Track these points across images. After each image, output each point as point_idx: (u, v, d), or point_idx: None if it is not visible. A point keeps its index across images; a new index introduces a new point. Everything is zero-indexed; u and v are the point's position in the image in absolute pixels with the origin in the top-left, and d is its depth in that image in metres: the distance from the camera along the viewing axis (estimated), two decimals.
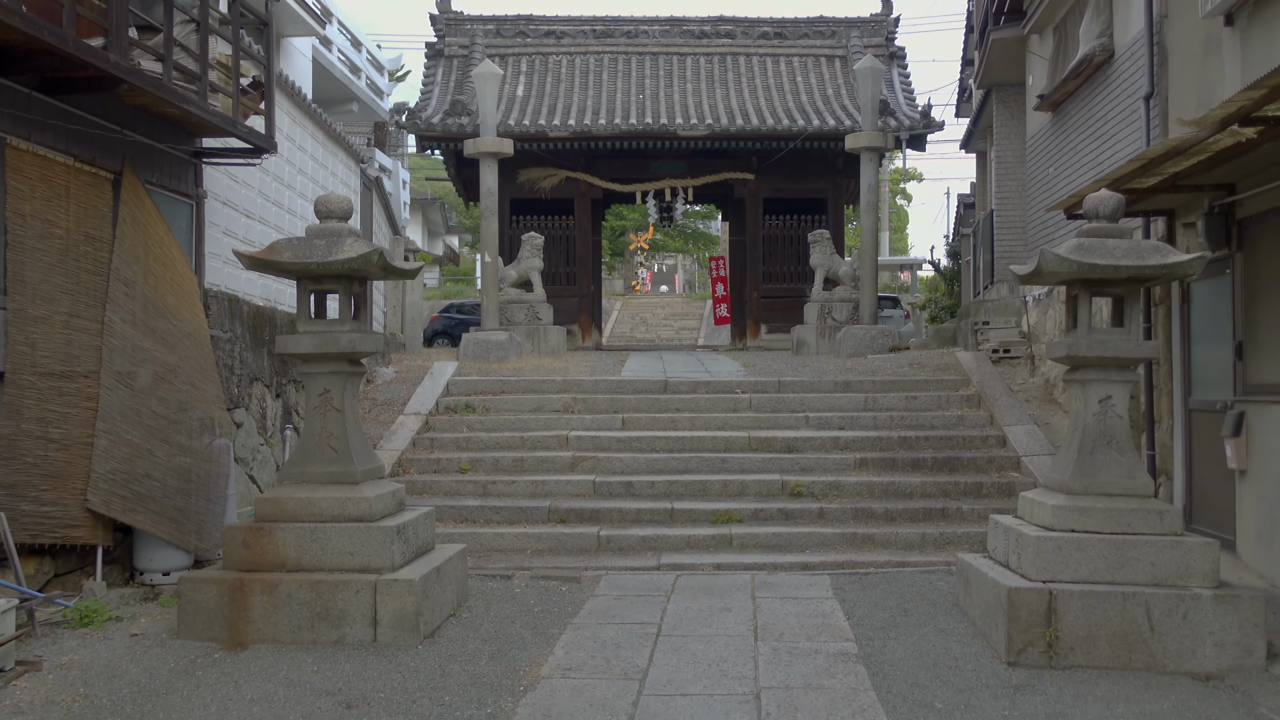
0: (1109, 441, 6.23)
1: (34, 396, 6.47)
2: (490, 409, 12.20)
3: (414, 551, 6.56)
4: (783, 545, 9.10)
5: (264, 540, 6.19)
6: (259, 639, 6.03)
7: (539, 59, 23.62)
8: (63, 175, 6.74)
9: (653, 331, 38.62)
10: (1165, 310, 9.34)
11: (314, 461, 6.47)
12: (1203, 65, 8.40)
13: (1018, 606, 5.77)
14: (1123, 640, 5.71)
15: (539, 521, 9.62)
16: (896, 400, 12.20)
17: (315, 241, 6.38)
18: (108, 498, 6.81)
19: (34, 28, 5.69)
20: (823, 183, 21.78)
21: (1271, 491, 7.41)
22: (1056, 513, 6.09)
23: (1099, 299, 6.38)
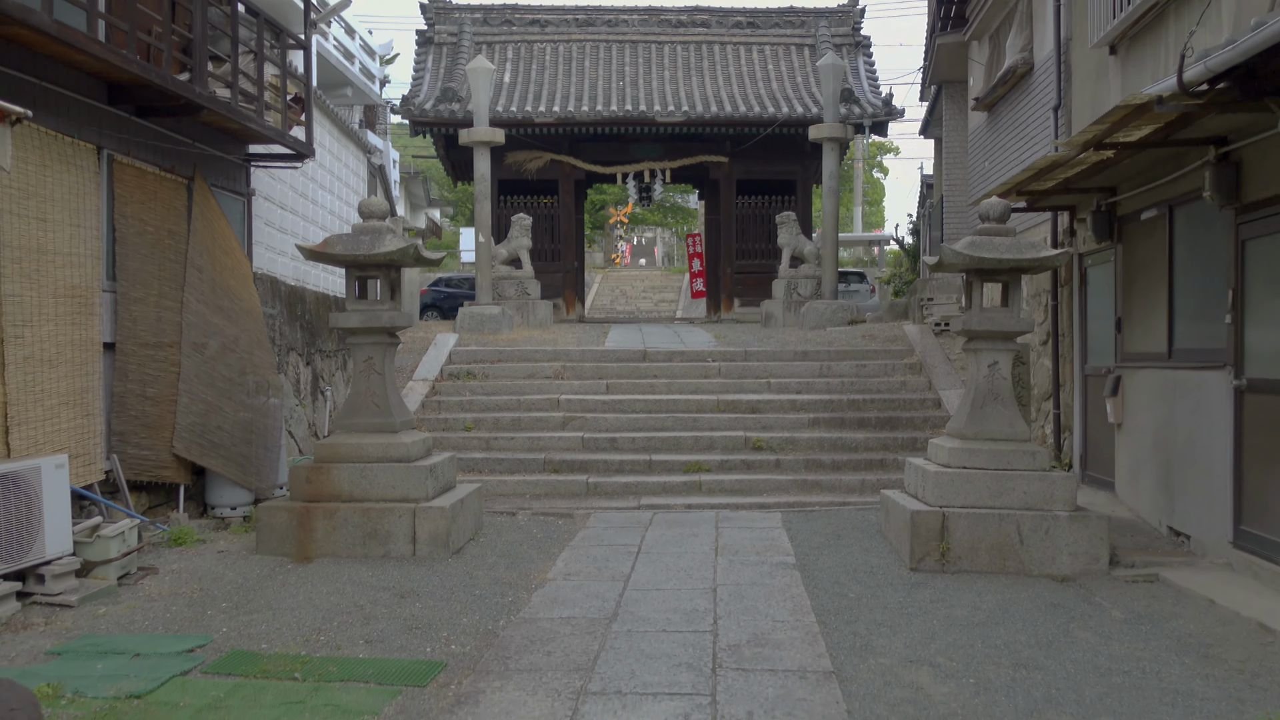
0: (995, 398, 7.86)
1: (135, 362, 7.98)
2: (489, 375, 13.75)
3: (442, 487, 8.14)
4: (744, 490, 10.73)
5: (323, 477, 7.76)
6: (321, 554, 7.61)
7: (524, 46, 24.96)
8: (152, 183, 8.21)
9: (632, 304, 40.12)
10: (1069, 291, 10.99)
11: (361, 414, 8.03)
12: (1096, 84, 9.99)
13: (919, 525, 7.41)
14: (999, 550, 7.36)
15: (536, 471, 11.21)
16: (848, 368, 13.83)
17: (361, 237, 7.90)
18: (189, 445, 8.34)
19: (144, 70, 7.16)
20: (792, 165, 23.25)
21: (1137, 441, 9.09)
22: (952, 453, 7.74)
23: (989, 285, 7.99)
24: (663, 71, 24.32)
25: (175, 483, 8.37)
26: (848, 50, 24.68)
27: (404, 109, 21.95)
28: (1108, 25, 9.19)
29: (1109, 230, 9.61)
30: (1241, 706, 4.79)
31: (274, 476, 9.14)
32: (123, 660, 5.26)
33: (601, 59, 24.80)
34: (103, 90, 7.55)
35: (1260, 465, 6.98)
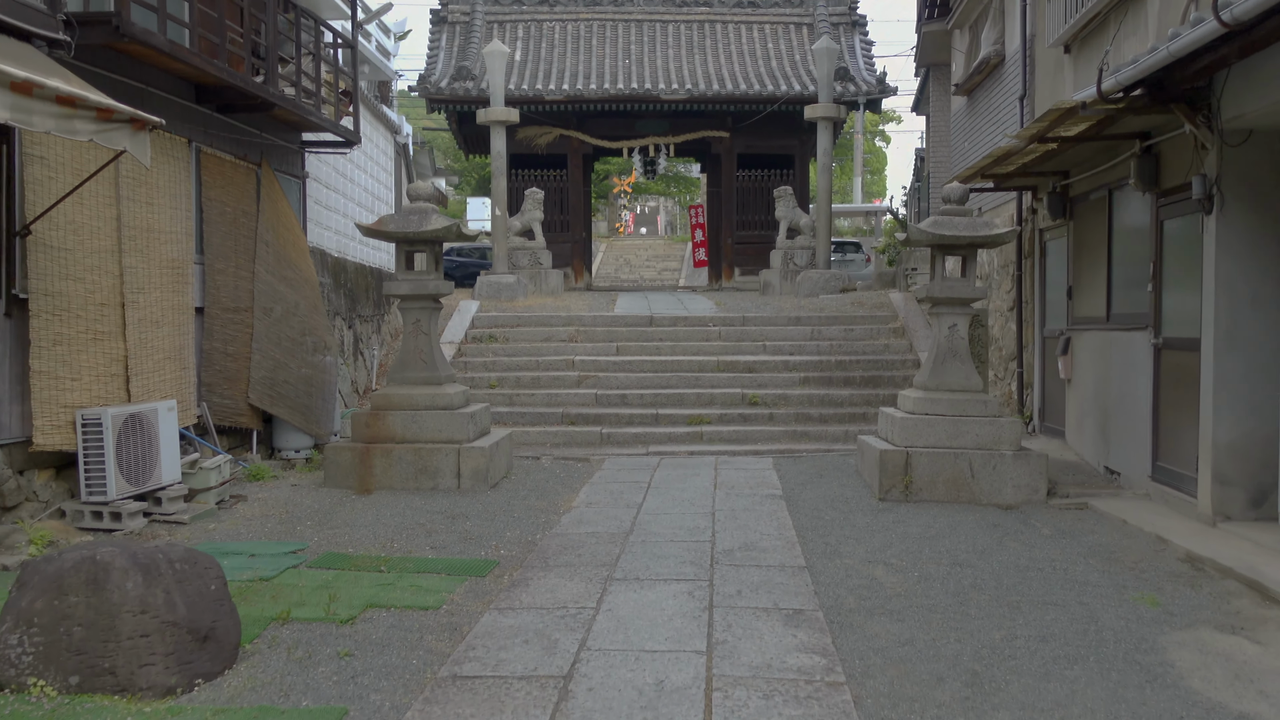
0: (954, 355, 9.18)
1: (219, 324, 9.30)
2: (509, 339, 15.07)
3: (480, 431, 9.49)
4: (740, 439, 12.08)
5: (380, 422, 9.10)
6: (380, 487, 8.97)
7: (534, 25, 26.08)
8: (229, 169, 9.48)
9: (636, 272, 41.33)
10: (1031, 263, 12.28)
11: (410, 369, 9.37)
12: (1054, 78, 11.23)
13: (886, 462, 8.75)
14: (954, 483, 8.70)
15: (555, 423, 12.56)
16: (837, 332, 15.14)
17: (410, 216, 9.20)
18: (261, 395, 9.68)
19: (231, 76, 8.43)
20: (790, 140, 24.41)
21: (1082, 394, 10.42)
22: (916, 402, 9.07)
23: (950, 258, 9.27)
24: (667, 50, 25.44)
25: (249, 428, 9.72)
26: (844, 29, 25.78)
27: (420, 87, 23.10)
28: (1061, 28, 10.42)
29: (1062, 209, 10.89)
30: (1124, 591, 6.13)
31: (330, 424, 10.49)
32: (242, 559, 6.62)
33: (608, 37, 25.90)
34: (191, 91, 8.81)
35: (1172, 410, 8.32)
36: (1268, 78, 6.58)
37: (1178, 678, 4.71)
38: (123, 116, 6.01)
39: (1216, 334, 7.40)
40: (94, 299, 7.50)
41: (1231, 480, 7.40)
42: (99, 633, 4.36)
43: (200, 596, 4.64)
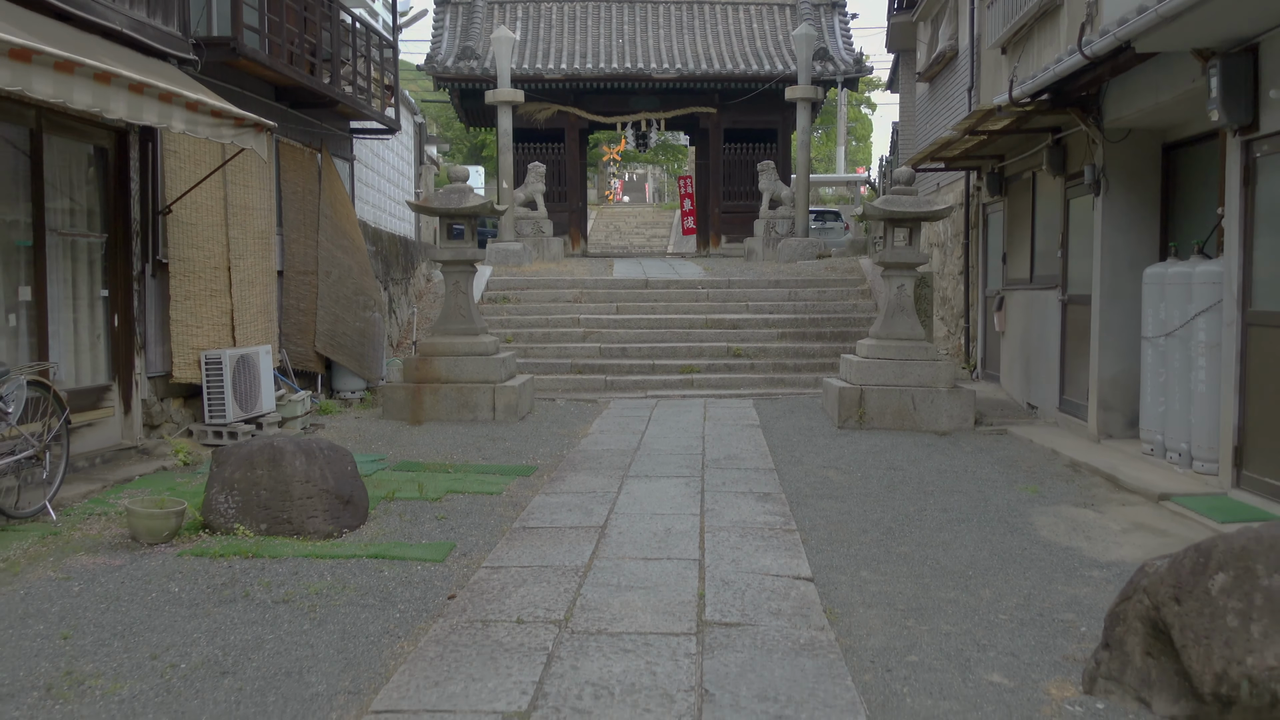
0: (902, 309, 11.12)
1: (294, 285, 11.17)
2: (520, 300, 16.95)
3: (509, 374, 11.41)
4: (726, 385, 14.03)
5: (427, 365, 11.01)
6: (429, 419, 10.90)
7: (532, 6, 27.71)
8: (299, 155, 11.30)
9: (625, 239, 43.11)
10: (977, 233, 14.22)
11: (452, 322, 11.27)
12: (995, 74, 13.10)
13: (844, 397, 10.71)
14: (899, 414, 10.67)
15: (565, 372, 14.47)
16: (812, 294, 17.07)
17: (450, 195, 11.06)
18: (325, 345, 11.58)
19: (308, 80, 10.25)
20: (774, 116, 26.18)
21: (1012, 344, 12.40)
22: (870, 349, 11.02)
23: (899, 229, 11.19)
24: (658, 30, 27.12)
25: (315, 372, 11.62)
26: (824, 10, 27.48)
27: (428, 66, 24.78)
28: (999, 33, 12.29)
29: (999, 187, 12.82)
30: (1014, 484, 8.10)
31: (379, 370, 12.38)
32: None
33: (603, 18, 27.56)
34: (271, 91, 10.62)
35: (1072, 354, 10.31)
36: (1135, 90, 8.51)
37: (1032, 530, 6.69)
38: (250, 123, 7.85)
39: (1102, 291, 9.37)
40: (210, 263, 9.37)
41: (1112, 407, 9.40)
42: (278, 495, 6.29)
43: (342, 473, 6.58)
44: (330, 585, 5.31)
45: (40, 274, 7.42)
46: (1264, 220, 6.91)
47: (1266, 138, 6.79)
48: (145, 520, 5.97)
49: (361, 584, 5.34)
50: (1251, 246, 7.03)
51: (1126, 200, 9.28)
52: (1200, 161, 8.77)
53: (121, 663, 4.28)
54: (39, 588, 5.27)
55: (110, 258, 8.31)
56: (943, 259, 16.48)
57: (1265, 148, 6.84)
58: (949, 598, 5.18)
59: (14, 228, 7.27)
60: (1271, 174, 6.84)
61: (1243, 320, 7.09)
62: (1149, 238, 9.25)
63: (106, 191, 8.27)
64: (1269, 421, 6.82)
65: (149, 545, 5.97)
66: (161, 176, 8.67)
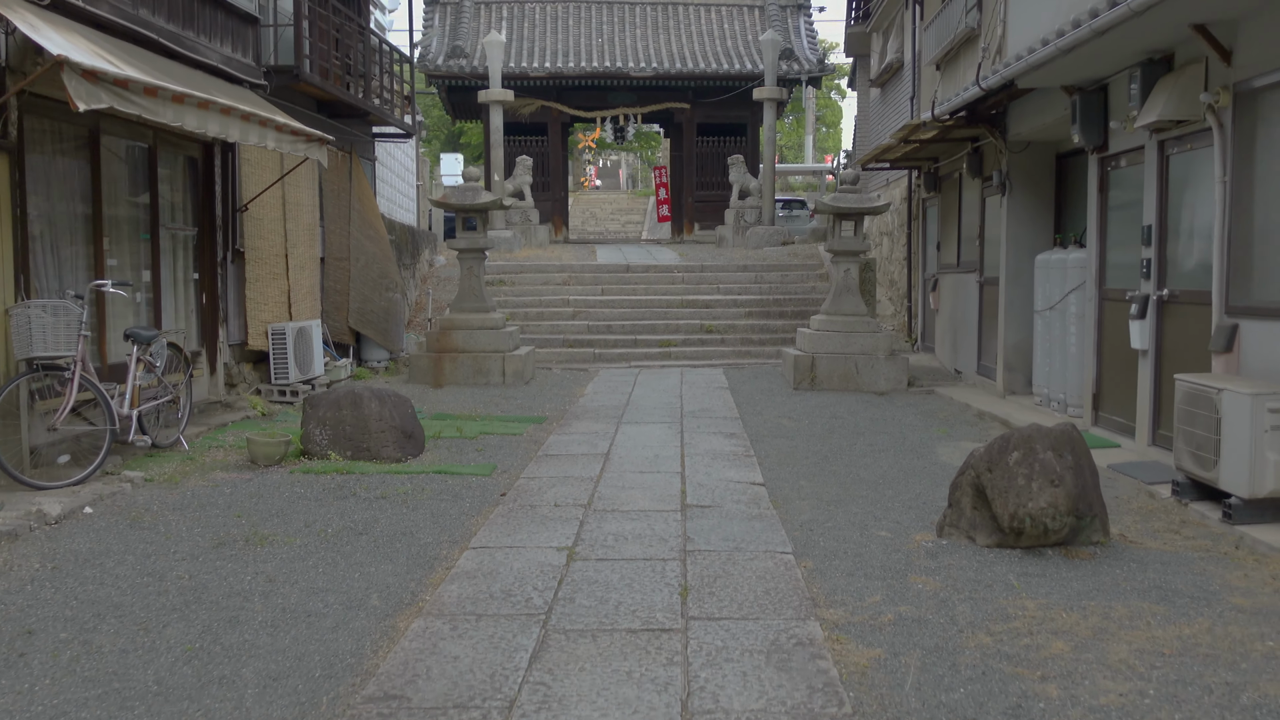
0: (848, 290, 13.17)
1: (332, 269, 13.06)
2: (515, 283, 18.87)
3: (514, 345, 13.38)
4: (699, 356, 16.06)
5: (446, 337, 12.95)
6: (448, 383, 12.84)
7: (517, 6, 29.48)
8: (334, 158, 13.17)
9: (602, 225, 44.99)
10: (918, 224, 16.30)
11: (467, 301, 13.21)
12: (931, 86, 15.14)
13: (798, 363, 12.75)
14: (845, 377, 12.72)
15: (558, 346, 16.44)
16: (775, 277, 19.11)
17: (465, 192, 12.98)
18: (356, 320, 13.49)
19: (346, 96, 12.13)
20: (744, 111, 28.05)
21: (944, 320, 14.49)
22: (821, 323, 13.07)
23: (845, 222, 13.22)
24: (635, 30, 28.98)
25: (347, 344, 13.53)
26: (790, 11, 29.40)
27: (420, 64, 26.52)
28: (933, 52, 14.33)
29: (934, 185, 14.90)
30: (930, 428, 10.17)
31: (400, 343, 14.31)
32: None
33: (583, 18, 29.38)
34: (313, 104, 12.49)
35: (986, 327, 12.40)
36: (1029, 112, 10.57)
37: (934, 456, 8.75)
38: (316, 138, 9.75)
39: (1007, 274, 11.46)
40: (272, 251, 11.25)
41: (1015, 369, 11.51)
42: (359, 430, 8.24)
43: (406, 414, 8.54)
44: (412, 489, 7.29)
45: (155, 260, 9.29)
46: (1113, 220, 9.00)
47: (1113, 156, 8.87)
48: (263, 447, 7.93)
49: (434, 488, 7.33)
50: (1105, 239, 9.12)
51: (1027, 200, 11.36)
52: (1085, 169, 10.84)
53: (287, 529, 6.25)
54: (199, 491, 7.22)
55: (200, 247, 10.19)
56: (891, 246, 18.58)
57: (1112, 164, 8.92)
58: (862, 495, 7.22)
59: (139, 224, 9.15)
60: (1118, 185, 8.92)
61: (1099, 296, 9.18)
62: (1044, 230, 11.33)
63: (197, 193, 10.15)
64: (1115, 375, 8.93)
65: (265, 467, 7.92)
66: (239, 180, 10.56)
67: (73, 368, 7.13)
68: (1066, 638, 4.38)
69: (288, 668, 4.11)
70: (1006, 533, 5.65)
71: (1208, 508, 6.48)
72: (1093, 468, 5.86)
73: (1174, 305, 7.92)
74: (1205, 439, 6.40)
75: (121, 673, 4.07)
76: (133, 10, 8.24)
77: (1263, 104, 6.75)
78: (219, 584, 5.18)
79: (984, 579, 5.19)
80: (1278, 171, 6.57)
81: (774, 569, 5.35)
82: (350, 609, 4.81)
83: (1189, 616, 4.65)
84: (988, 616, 4.65)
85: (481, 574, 5.27)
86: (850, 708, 3.69)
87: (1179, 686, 3.87)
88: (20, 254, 7.23)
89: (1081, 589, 5.05)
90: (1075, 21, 7.36)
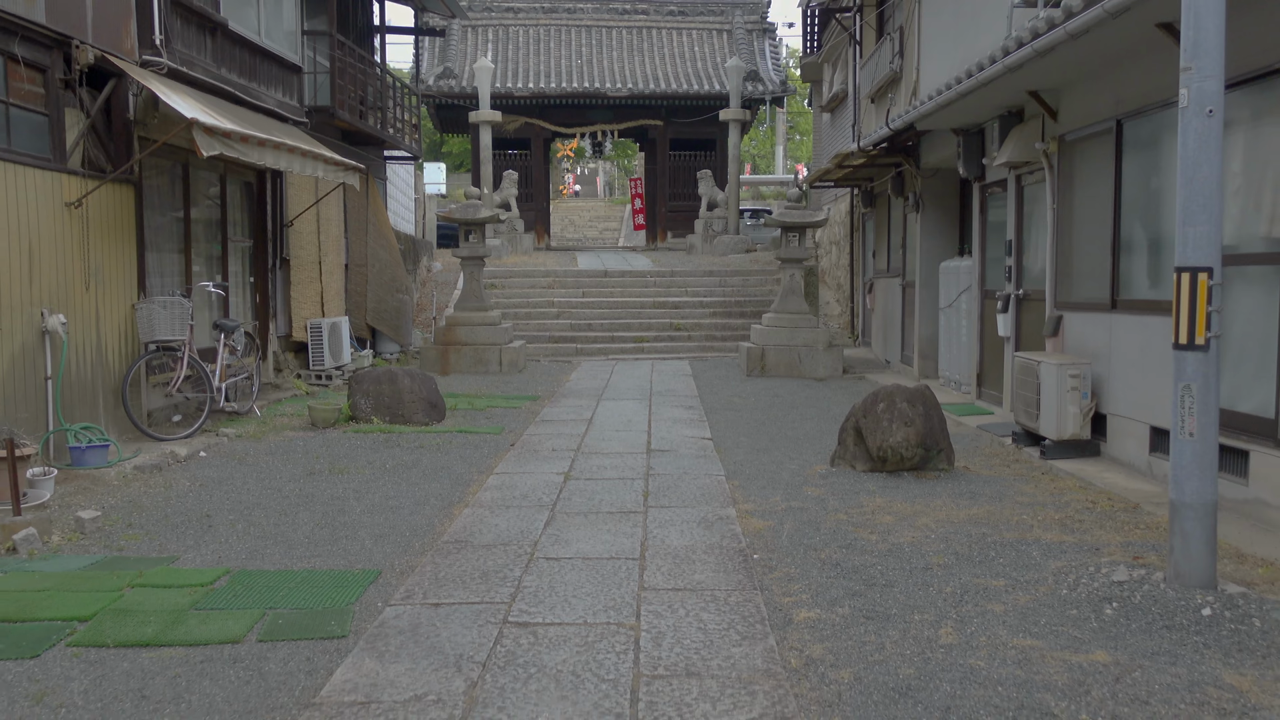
0: (794, 292, 15.51)
1: (352, 274, 15.28)
2: (505, 286, 21.12)
3: (509, 339, 15.64)
4: (669, 350, 18.36)
5: (452, 331, 15.20)
6: (454, 371, 15.09)
7: (502, 30, 31.74)
8: None
9: (580, 232, 47.17)
10: (859, 235, 18.67)
11: (468, 301, 15.46)
12: (868, 115, 17.53)
13: (751, 354, 15.07)
14: (789, 366, 15.05)
15: (545, 341, 18.70)
16: (738, 282, 21.44)
17: (467, 208, 15.24)
18: (373, 318, 15.71)
19: (368, 127, 14.35)
20: (713, 128, 30.36)
21: (878, 318, 16.87)
22: (770, 320, 15.41)
23: (791, 233, 15.55)
24: (612, 52, 31.29)
25: (364, 338, 15.75)
26: (756, 35, 31.83)
27: (413, 85, 28.72)
28: (868, 87, 16.71)
29: (870, 202, 17.28)
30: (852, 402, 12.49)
31: (409, 337, 16.53)
32: None
33: (564, 40, 31.68)
34: (338, 132, 14.72)
35: (907, 322, 14.78)
36: (934, 147, 12.95)
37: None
38: (351, 166, 11.99)
39: (920, 279, 13.83)
40: (309, 259, 13.47)
41: (927, 356, 13.87)
42: (395, 400, 10.48)
43: (431, 389, 10.78)
44: (442, 441, 9.55)
45: (225, 267, 11.51)
46: (990, 235, 11.38)
47: (988, 185, 11.25)
48: (322, 412, 10.16)
49: (459, 441, 9.59)
50: (985, 250, 11.49)
51: (935, 216, 13.74)
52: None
53: (356, 464, 8.50)
54: (279, 443, 9.46)
55: (255, 256, 12.40)
56: (838, 254, 20.96)
57: (989, 191, 11.30)
58: (784, 445, 9.53)
59: (213, 237, 11.36)
60: (992, 207, 11.30)
61: (981, 296, 11.55)
62: (950, 241, 13.71)
63: (252, 211, 12.36)
64: (991, 358, 11.30)
65: (323, 428, 10.15)
66: (285, 200, 12.78)
67: (183, 349, 9.35)
68: (894, 515, 6.70)
69: (386, 531, 6.37)
70: (876, 460, 7.98)
71: (1034, 450, 8.84)
72: (940, 416, 8.20)
73: (1027, 301, 10.30)
74: (1031, 399, 8.76)
75: (279, 534, 6.32)
76: (216, 70, 10.47)
77: (1077, 151, 9.12)
78: (322, 493, 7.43)
79: (853, 489, 7.52)
80: (1086, 203, 8.94)
81: (710, 485, 7.66)
82: (418, 505, 7.07)
83: (980, 505, 6.99)
84: (847, 506, 6.96)
85: (505, 488, 7.55)
86: (745, 544, 5.99)
87: (951, 535, 6.20)
88: (140, 262, 9.44)
89: (918, 493, 7.38)
90: (950, 82, 9.71)
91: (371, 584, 5.29)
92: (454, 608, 4.88)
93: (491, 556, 5.73)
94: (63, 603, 4.97)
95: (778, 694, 3.89)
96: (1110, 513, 6.73)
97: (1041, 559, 5.64)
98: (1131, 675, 4.06)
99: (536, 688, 3.95)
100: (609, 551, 5.83)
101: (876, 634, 4.53)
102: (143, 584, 5.27)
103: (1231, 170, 6.70)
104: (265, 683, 4.07)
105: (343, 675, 4.10)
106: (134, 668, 4.24)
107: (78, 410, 8.39)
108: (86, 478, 7.56)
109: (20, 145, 7.80)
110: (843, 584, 5.24)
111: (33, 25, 7.79)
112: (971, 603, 4.94)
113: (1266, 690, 3.93)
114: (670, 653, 4.30)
